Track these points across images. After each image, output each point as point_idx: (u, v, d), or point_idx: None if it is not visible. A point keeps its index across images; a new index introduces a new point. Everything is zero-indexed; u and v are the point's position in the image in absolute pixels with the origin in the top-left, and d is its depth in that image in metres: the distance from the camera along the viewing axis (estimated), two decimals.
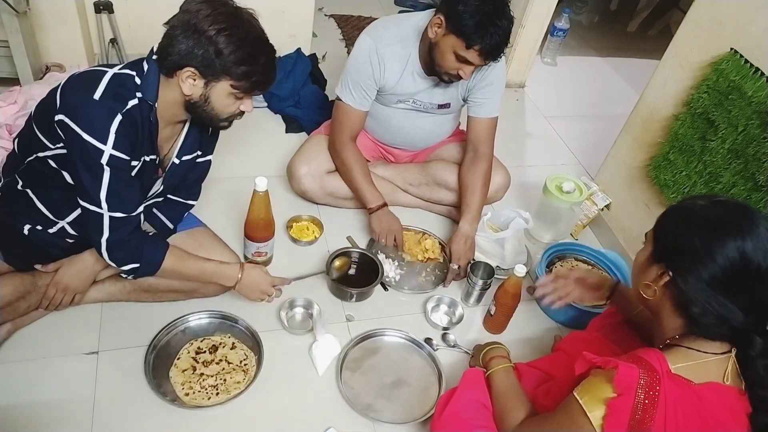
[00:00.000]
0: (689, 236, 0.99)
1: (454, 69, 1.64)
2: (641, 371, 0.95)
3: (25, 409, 1.34)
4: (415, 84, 1.80)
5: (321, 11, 3.30)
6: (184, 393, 1.39)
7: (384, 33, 1.75)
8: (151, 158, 1.33)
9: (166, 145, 1.39)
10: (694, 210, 1.02)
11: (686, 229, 1.00)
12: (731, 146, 1.58)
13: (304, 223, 1.93)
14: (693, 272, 0.97)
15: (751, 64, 1.53)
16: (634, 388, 0.94)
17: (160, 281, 1.53)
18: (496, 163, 2.00)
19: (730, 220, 0.97)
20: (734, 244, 0.94)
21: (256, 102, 2.40)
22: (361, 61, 1.75)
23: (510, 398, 1.24)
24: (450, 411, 1.25)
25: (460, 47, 1.57)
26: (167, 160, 1.42)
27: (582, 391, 1.00)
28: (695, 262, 0.97)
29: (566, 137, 2.77)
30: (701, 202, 1.02)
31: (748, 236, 0.95)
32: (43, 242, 1.40)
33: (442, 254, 1.94)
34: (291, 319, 1.65)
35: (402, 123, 1.93)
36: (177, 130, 1.40)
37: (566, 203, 1.93)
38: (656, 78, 1.89)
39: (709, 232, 0.97)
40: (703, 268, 0.96)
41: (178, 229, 1.59)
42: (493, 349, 1.39)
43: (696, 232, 0.98)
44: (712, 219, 0.99)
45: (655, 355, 0.98)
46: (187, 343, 1.50)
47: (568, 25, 3.23)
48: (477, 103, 1.87)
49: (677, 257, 1.01)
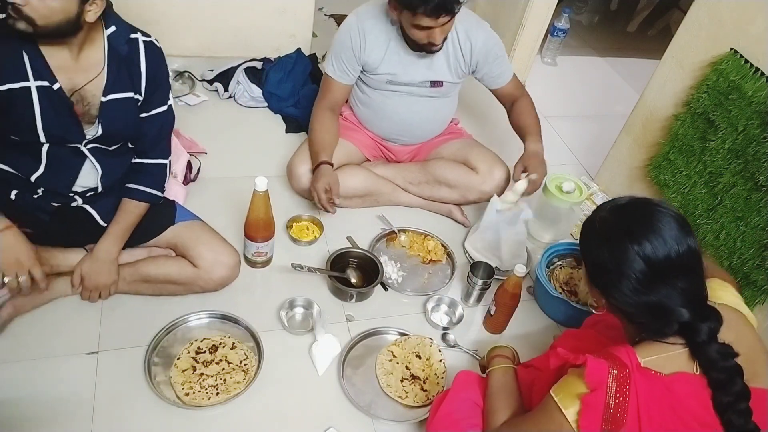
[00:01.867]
0: (598, 254, 1.02)
1: (423, 39, 1.70)
2: (610, 365, 0.96)
3: (25, 408, 1.34)
4: (401, 60, 1.85)
5: (321, 11, 3.29)
6: (184, 393, 1.39)
7: (369, 9, 1.83)
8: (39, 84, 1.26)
9: (76, 76, 1.31)
10: (594, 225, 1.05)
11: (594, 247, 1.03)
12: (731, 146, 1.58)
13: (304, 223, 1.93)
14: (617, 288, 0.99)
15: (751, 64, 1.53)
16: (605, 382, 0.95)
17: (158, 271, 1.54)
18: (497, 159, 2.01)
19: (622, 227, 0.99)
20: (633, 252, 0.96)
21: (256, 102, 2.44)
22: (343, 32, 1.84)
23: (500, 398, 1.24)
24: (443, 412, 1.25)
25: (411, 17, 1.64)
26: (89, 96, 1.34)
27: (557, 389, 1.02)
28: (612, 279, 0.99)
29: (566, 137, 2.77)
30: (602, 214, 1.05)
31: (642, 238, 0.96)
32: (31, 206, 1.41)
33: (445, 255, 1.94)
34: (291, 319, 1.65)
35: (397, 108, 1.94)
36: (89, 57, 1.32)
37: (566, 203, 1.93)
38: (656, 78, 1.89)
39: (609, 246, 1.00)
40: (621, 283, 0.98)
41: (176, 221, 1.58)
42: (497, 348, 1.40)
43: (601, 249, 1.01)
44: (608, 232, 1.01)
45: (625, 350, 0.99)
46: (187, 343, 1.50)
47: (568, 25, 3.23)
48: (493, 77, 1.96)
49: (600, 278, 1.03)
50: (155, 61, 1.44)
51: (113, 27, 1.35)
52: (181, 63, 2.55)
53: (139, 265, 1.55)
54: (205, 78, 2.51)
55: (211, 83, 2.48)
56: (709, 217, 1.64)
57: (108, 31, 1.34)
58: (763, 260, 1.49)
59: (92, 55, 1.33)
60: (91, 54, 1.32)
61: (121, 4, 2.31)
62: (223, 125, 2.34)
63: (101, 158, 1.43)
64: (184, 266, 1.55)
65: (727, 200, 1.59)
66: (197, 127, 2.23)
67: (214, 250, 1.56)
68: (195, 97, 2.42)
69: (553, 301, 1.75)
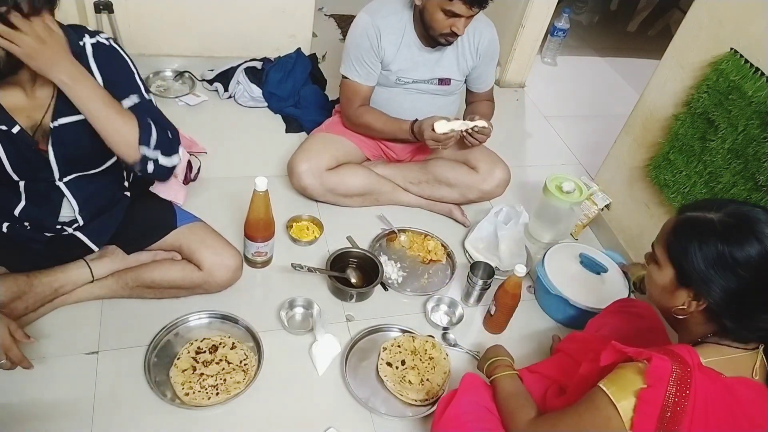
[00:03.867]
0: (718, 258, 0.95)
1: (446, 27, 1.70)
2: (673, 363, 0.93)
3: (25, 408, 1.34)
4: (412, 56, 1.85)
5: (321, 11, 3.30)
6: (184, 393, 1.39)
7: (379, 7, 1.82)
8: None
9: (34, 112, 1.23)
10: (707, 226, 0.98)
11: (713, 250, 0.95)
12: (731, 146, 1.57)
13: (304, 223, 1.93)
14: (728, 291, 0.95)
15: (751, 64, 1.53)
16: (666, 380, 0.92)
17: (162, 277, 1.53)
18: (497, 158, 2.01)
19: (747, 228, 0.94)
20: (757, 251, 0.92)
21: (256, 102, 2.44)
22: (359, 35, 1.81)
23: (518, 399, 1.23)
24: (450, 414, 1.25)
25: (445, 2, 1.63)
26: (46, 129, 1.24)
27: (609, 383, 0.98)
28: (726, 281, 0.94)
29: (566, 137, 2.77)
30: (711, 216, 0.98)
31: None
32: (23, 237, 1.39)
33: (445, 255, 1.94)
34: (291, 319, 1.65)
35: (403, 105, 1.94)
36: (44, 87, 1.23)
37: (566, 203, 1.93)
38: (656, 78, 1.89)
39: (732, 246, 0.94)
40: (735, 285, 0.94)
41: (178, 224, 1.58)
42: (496, 361, 1.38)
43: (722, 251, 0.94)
44: (733, 232, 0.95)
45: (686, 349, 0.97)
46: (187, 343, 1.50)
47: (568, 25, 3.23)
48: (480, 80, 1.98)
49: (707, 282, 0.96)
50: (106, 62, 1.29)
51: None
52: (181, 63, 2.55)
53: (142, 270, 1.55)
54: (205, 78, 2.51)
55: (211, 83, 2.48)
56: None
57: None
58: None
59: (48, 83, 1.21)
60: (46, 82, 1.21)
61: (121, 4, 2.33)
62: (223, 125, 2.34)
63: (81, 188, 1.37)
64: (188, 272, 1.55)
65: None
66: (197, 127, 2.24)
67: (217, 253, 1.56)
68: (195, 97, 2.42)
69: (553, 300, 1.75)
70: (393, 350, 1.57)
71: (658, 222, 1.87)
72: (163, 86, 2.47)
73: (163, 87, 2.47)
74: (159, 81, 2.49)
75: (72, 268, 1.51)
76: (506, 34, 2.83)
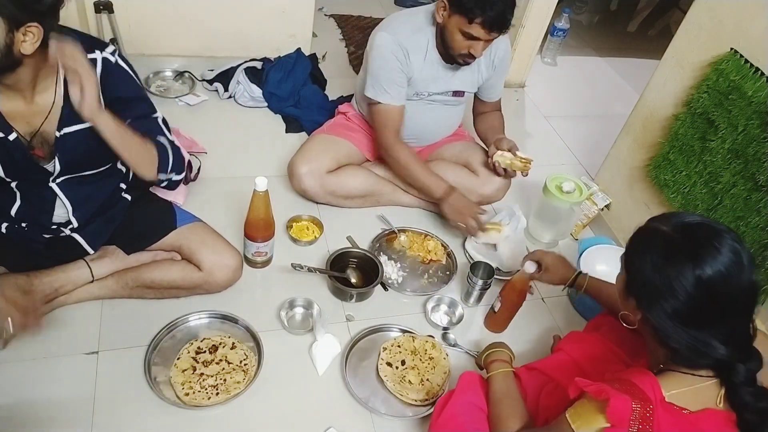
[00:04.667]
0: (650, 269, 0.95)
1: (464, 48, 1.68)
2: (634, 402, 0.92)
3: (25, 408, 1.34)
4: (435, 72, 1.84)
5: (321, 11, 3.29)
6: (184, 393, 1.39)
7: (400, 27, 1.78)
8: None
9: (33, 119, 1.24)
10: (655, 238, 0.97)
11: (647, 261, 0.96)
12: (731, 146, 1.57)
13: (304, 223, 1.93)
14: (659, 307, 0.94)
15: (751, 64, 1.53)
16: (627, 419, 0.91)
17: (162, 277, 1.53)
18: None
19: (687, 247, 0.93)
20: (692, 274, 0.90)
21: (256, 102, 2.44)
22: (387, 57, 1.77)
23: (506, 405, 1.22)
24: (447, 414, 1.25)
25: (464, 24, 1.62)
26: (46, 134, 1.26)
27: (574, 416, 0.98)
28: (659, 296, 0.93)
29: (566, 137, 2.77)
30: (665, 228, 0.97)
31: (706, 264, 0.90)
32: (22, 238, 1.40)
33: (445, 255, 1.94)
34: (291, 319, 1.65)
35: (413, 115, 1.94)
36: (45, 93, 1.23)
37: (566, 203, 1.93)
38: (656, 78, 1.89)
39: (666, 261, 0.93)
40: (667, 303, 0.93)
41: (178, 225, 1.58)
42: (495, 352, 1.36)
43: (655, 262, 0.94)
44: (669, 247, 0.94)
45: (649, 381, 0.95)
46: (187, 343, 1.50)
47: (568, 25, 3.23)
48: (491, 90, 1.98)
49: (643, 292, 0.97)
50: (113, 81, 1.30)
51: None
52: (181, 63, 2.55)
53: (142, 270, 1.55)
54: (205, 78, 2.51)
55: (211, 83, 2.48)
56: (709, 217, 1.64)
57: None
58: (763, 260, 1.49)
59: (48, 90, 1.23)
60: (46, 88, 1.23)
61: (122, 4, 2.33)
62: (223, 125, 2.34)
63: (75, 189, 1.38)
64: (188, 272, 1.55)
65: (727, 200, 1.59)
66: (197, 127, 2.24)
67: (217, 253, 1.56)
68: (195, 97, 2.42)
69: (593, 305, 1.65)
70: (393, 350, 1.57)
71: None
72: (163, 86, 2.47)
73: (163, 87, 2.47)
74: (159, 81, 2.49)
75: (72, 268, 1.51)
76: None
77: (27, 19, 1.07)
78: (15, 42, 1.08)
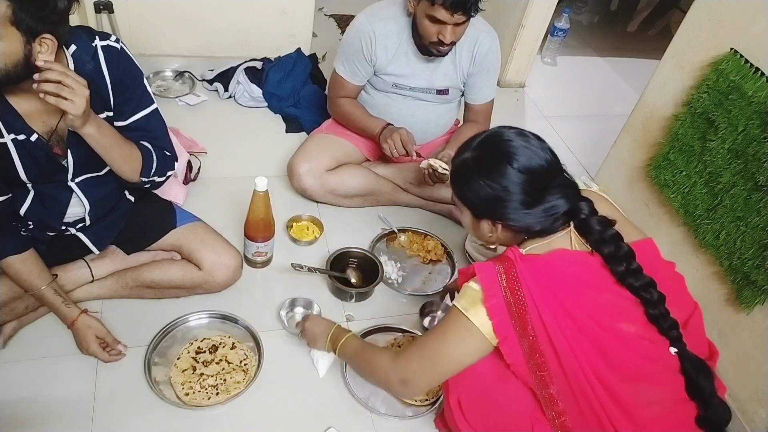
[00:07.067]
0: (482, 188, 1.10)
1: (434, 35, 1.70)
2: (495, 263, 1.08)
3: (25, 408, 1.34)
4: (409, 64, 1.84)
5: (321, 11, 3.30)
6: (184, 393, 1.39)
7: (379, 11, 1.82)
8: (14, 138, 1.20)
9: (49, 118, 1.24)
10: (467, 166, 1.14)
11: (476, 183, 1.11)
12: (731, 146, 1.57)
13: (304, 223, 1.93)
14: (508, 209, 1.09)
15: (751, 64, 1.53)
16: (495, 279, 1.06)
17: (162, 277, 1.53)
18: None
19: (495, 154, 1.10)
20: (513, 170, 1.07)
21: (256, 102, 2.44)
22: (352, 35, 1.83)
23: (367, 348, 1.33)
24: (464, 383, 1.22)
25: (428, 7, 1.64)
26: (61, 131, 1.26)
27: (459, 298, 1.11)
28: (503, 201, 1.09)
29: (566, 137, 2.77)
30: (468, 155, 1.14)
31: (517, 156, 1.08)
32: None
33: (445, 255, 1.94)
34: (291, 319, 1.65)
35: (401, 111, 1.94)
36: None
37: None
38: (656, 78, 1.89)
39: (491, 175, 1.09)
40: (511, 201, 1.08)
41: (178, 224, 1.58)
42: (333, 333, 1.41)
43: (483, 181, 1.10)
44: (484, 164, 1.11)
45: (510, 249, 1.10)
46: (187, 343, 1.50)
47: (568, 25, 3.23)
48: (474, 90, 1.95)
49: (490, 208, 1.12)
50: (116, 65, 1.29)
51: (74, 46, 1.22)
52: (181, 63, 2.55)
53: (142, 270, 1.55)
54: (205, 78, 2.51)
55: (211, 83, 2.48)
56: (709, 217, 1.64)
57: (70, 51, 1.21)
58: (763, 260, 1.49)
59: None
60: None
61: (122, 4, 2.33)
62: (223, 125, 2.34)
63: (92, 189, 1.39)
64: (188, 271, 1.55)
65: (727, 200, 1.59)
66: (197, 127, 2.24)
67: (217, 253, 1.56)
68: (195, 97, 2.42)
69: None
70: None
71: (658, 222, 1.87)
72: (163, 86, 2.47)
73: (163, 87, 2.47)
74: (159, 81, 2.49)
75: (72, 268, 1.51)
76: (506, 34, 2.83)
77: (43, 30, 1.08)
78: (33, 53, 1.09)
